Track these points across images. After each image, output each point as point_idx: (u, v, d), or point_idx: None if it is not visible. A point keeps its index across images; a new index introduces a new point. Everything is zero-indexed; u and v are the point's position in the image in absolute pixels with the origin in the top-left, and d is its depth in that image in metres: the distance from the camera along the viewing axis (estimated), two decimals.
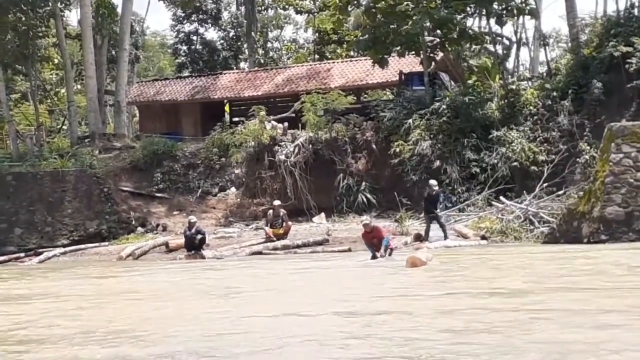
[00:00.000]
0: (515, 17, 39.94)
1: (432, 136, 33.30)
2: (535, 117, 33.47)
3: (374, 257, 21.30)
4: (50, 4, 45.36)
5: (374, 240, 21.65)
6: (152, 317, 11.97)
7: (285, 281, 17.76)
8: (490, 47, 42.69)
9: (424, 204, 27.64)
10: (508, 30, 46.97)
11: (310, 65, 49.32)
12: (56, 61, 56.95)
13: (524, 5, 36.46)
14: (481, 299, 12.23)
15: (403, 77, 39.90)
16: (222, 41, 66.37)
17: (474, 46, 43.82)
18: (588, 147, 30.84)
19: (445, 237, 26.25)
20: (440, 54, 39.39)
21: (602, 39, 34.58)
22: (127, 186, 38.03)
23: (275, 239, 29.25)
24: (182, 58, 65.54)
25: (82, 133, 49.44)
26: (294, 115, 39.61)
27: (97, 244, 32.52)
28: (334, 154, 35.09)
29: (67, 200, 34.21)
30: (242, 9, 63.53)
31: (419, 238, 26.30)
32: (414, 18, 35.66)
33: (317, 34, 61.73)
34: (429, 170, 32.27)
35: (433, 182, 28.06)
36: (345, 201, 34.01)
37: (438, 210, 27.00)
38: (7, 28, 44.92)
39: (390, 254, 21.37)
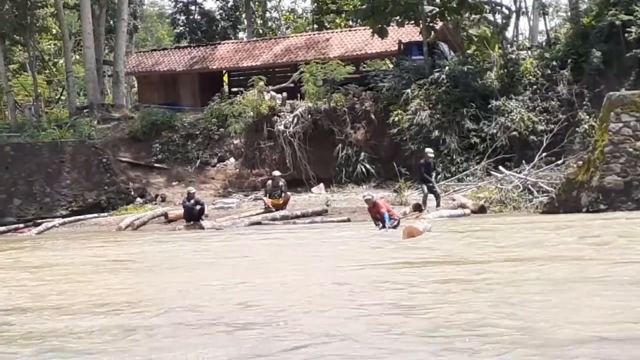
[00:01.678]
0: None
1: (431, 106, 33.28)
2: (535, 87, 33.43)
3: (383, 227, 21.30)
4: None
5: (377, 215, 21.66)
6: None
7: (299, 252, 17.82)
8: (490, 17, 42.44)
9: (420, 170, 27.67)
10: None
11: (309, 35, 49.08)
12: (54, 31, 56.59)
13: None
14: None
15: (402, 46, 39.77)
16: (220, 11, 65.97)
17: (473, 15, 43.58)
18: (587, 117, 30.83)
19: (438, 206, 26.38)
20: (440, 24, 39.21)
21: (601, 7, 34.43)
22: (126, 157, 37.99)
23: (274, 209, 29.26)
24: (181, 28, 65.13)
25: (81, 103, 49.33)
26: (292, 85, 39.50)
27: (96, 215, 32.50)
28: (333, 124, 35.07)
29: (66, 171, 34.17)
30: None
31: (418, 208, 26.30)
32: None
33: (315, 4, 61.27)
34: (427, 140, 32.27)
35: (429, 149, 28.16)
36: (344, 171, 34.04)
37: (433, 178, 27.10)
38: None
39: (396, 226, 21.24)
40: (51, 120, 42.35)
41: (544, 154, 30.18)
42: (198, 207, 28.09)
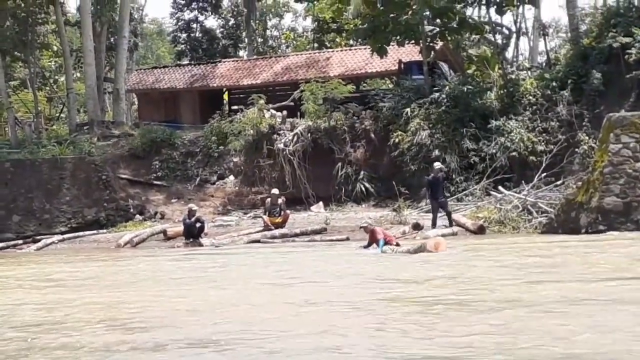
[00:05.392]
0: (515, 7, 39.89)
1: (431, 126, 33.28)
2: (534, 107, 33.42)
3: (366, 247, 21.59)
4: None
5: (373, 241, 21.71)
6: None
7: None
8: (490, 37, 42.64)
9: (428, 188, 27.52)
10: (508, 19, 46.83)
11: (310, 53, 49.25)
12: (55, 48, 56.82)
13: None
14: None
15: (402, 66, 39.89)
16: (221, 29, 66.32)
17: (473, 35, 43.81)
18: (587, 138, 30.84)
19: (450, 225, 26.33)
20: (440, 43, 39.32)
21: (601, 29, 34.50)
22: (126, 174, 38.02)
23: (273, 227, 29.22)
24: (182, 46, 65.44)
25: (81, 120, 49.46)
26: (292, 103, 39.58)
27: (95, 232, 32.50)
28: (332, 143, 35.10)
29: (66, 188, 34.17)
30: None
31: (417, 227, 26.25)
32: (413, 7, 35.67)
33: (316, 23, 61.54)
34: (427, 159, 32.25)
35: (437, 164, 28.08)
36: (344, 190, 34.06)
37: (442, 194, 27.03)
38: (7, 14, 44.87)
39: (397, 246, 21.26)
40: (51, 137, 42.42)
41: (544, 175, 30.13)
42: (198, 224, 28.01)
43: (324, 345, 8.35)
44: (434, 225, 26.33)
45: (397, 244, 21.55)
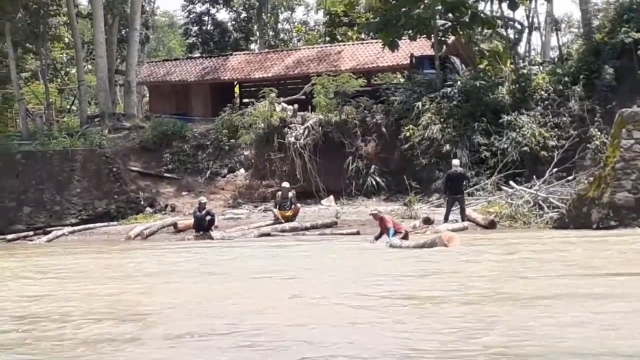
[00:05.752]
0: (528, 1, 39.79)
1: (442, 120, 33.22)
2: (546, 102, 33.33)
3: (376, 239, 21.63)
4: None
5: (384, 229, 21.74)
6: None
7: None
8: (502, 31, 42.51)
9: (447, 184, 27.47)
10: (520, 14, 46.87)
11: (321, 47, 49.14)
12: (67, 40, 56.93)
13: None
14: None
15: (414, 60, 39.80)
16: (233, 22, 66.26)
17: (485, 30, 43.69)
18: (599, 133, 30.75)
19: (463, 220, 26.35)
20: (452, 38, 39.21)
21: (614, 24, 34.39)
22: (136, 166, 38.06)
23: (283, 221, 29.23)
24: (193, 38, 65.43)
25: (92, 112, 49.57)
26: (304, 97, 39.57)
27: (105, 224, 32.60)
28: (343, 137, 35.07)
29: (76, 180, 34.25)
30: None
31: (427, 222, 26.23)
32: (425, 1, 35.57)
33: (328, 16, 61.41)
34: (438, 154, 32.26)
35: (456, 161, 28.11)
36: (354, 184, 34.02)
37: (462, 191, 27.10)
38: (19, 6, 44.92)
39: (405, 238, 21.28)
40: (62, 129, 42.49)
41: (555, 170, 30.06)
42: (209, 217, 28.01)
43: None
44: (446, 220, 26.32)
45: (406, 233, 21.63)
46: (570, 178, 29.58)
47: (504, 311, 9.48)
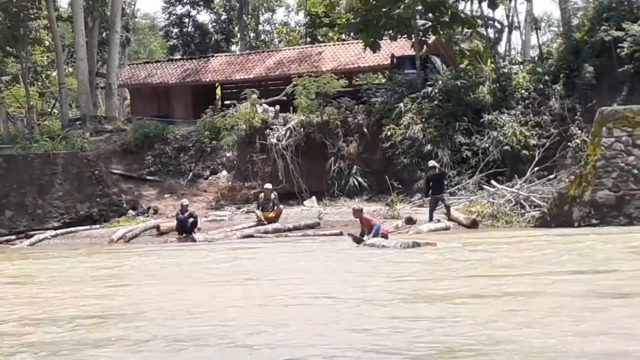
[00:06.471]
0: (508, 0, 39.92)
1: (423, 120, 33.32)
2: (527, 101, 33.48)
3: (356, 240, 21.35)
4: None
5: (366, 227, 21.63)
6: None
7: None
8: (482, 31, 42.68)
9: (428, 185, 27.63)
10: (500, 13, 47.04)
11: (302, 48, 49.18)
12: (47, 43, 56.64)
13: None
14: None
15: (395, 60, 39.89)
16: (213, 24, 66.23)
17: (465, 30, 43.79)
18: (579, 131, 30.92)
19: (449, 219, 26.49)
20: (432, 38, 39.35)
21: (593, 23, 34.57)
22: (118, 169, 37.99)
23: (266, 222, 29.23)
24: (174, 41, 65.31)
25: (73, 116, 49.35)
26: (285, 98, 39.53)
27: (88, 227, 32.43)
28: (325, 138, 35.11)
29: (58, 183, 34.09)
30: None
31: (410, 222, 26.29)
32: (405, 1, 35.63)
33: (308, 17, 61.46)
34: (420, 154, 32.34)
35: (432, 162, 28.26)
36: (337, 185, 34.05)
37: (442, 191, 27.29)
38: None
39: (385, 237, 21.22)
40: (43, 132, 42.28)
41: (536, 169, 30.19)
42: (191, 219, 28.00)
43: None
44: (430, 219, 26.44)
45: (386, 233, 21.60)
46: (551, 177, 29.72)
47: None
